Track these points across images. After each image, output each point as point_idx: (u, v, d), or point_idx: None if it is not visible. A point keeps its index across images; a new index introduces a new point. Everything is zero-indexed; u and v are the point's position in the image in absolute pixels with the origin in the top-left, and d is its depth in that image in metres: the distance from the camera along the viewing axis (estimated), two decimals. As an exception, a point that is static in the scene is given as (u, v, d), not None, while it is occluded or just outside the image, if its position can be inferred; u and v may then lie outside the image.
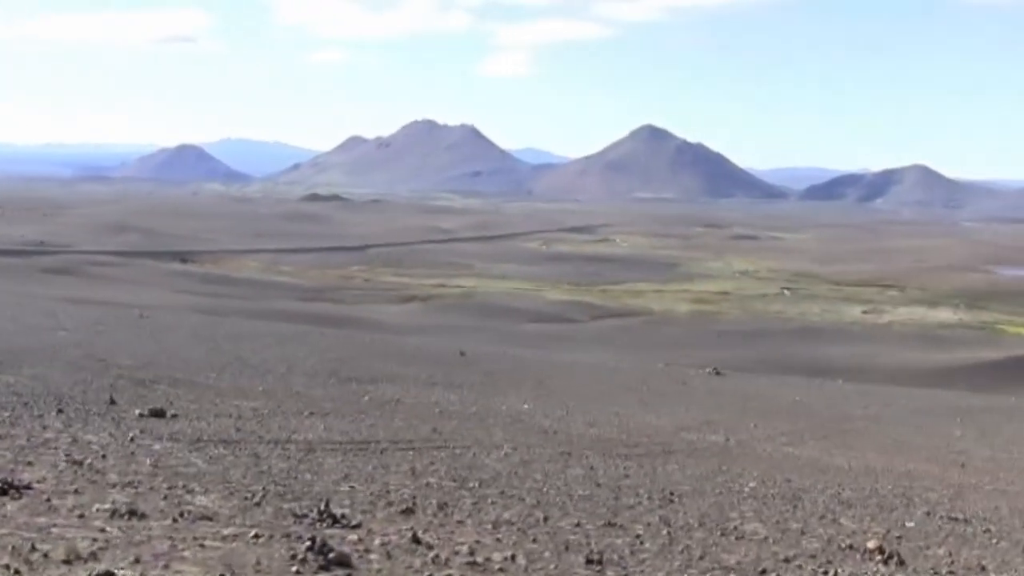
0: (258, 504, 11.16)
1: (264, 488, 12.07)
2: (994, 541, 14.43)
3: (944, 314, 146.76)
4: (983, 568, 12.32)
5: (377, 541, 10.02)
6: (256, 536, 9.61)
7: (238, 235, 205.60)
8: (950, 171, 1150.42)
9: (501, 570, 9.54)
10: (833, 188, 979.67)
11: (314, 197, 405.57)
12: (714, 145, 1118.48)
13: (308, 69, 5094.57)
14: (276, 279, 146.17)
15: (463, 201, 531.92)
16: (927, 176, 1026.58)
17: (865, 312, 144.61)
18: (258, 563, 8.75)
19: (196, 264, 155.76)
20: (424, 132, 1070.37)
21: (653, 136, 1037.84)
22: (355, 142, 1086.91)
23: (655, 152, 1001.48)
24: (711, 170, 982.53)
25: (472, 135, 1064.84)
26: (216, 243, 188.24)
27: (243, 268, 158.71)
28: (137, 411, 18.08)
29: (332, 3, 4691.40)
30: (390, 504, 12.00)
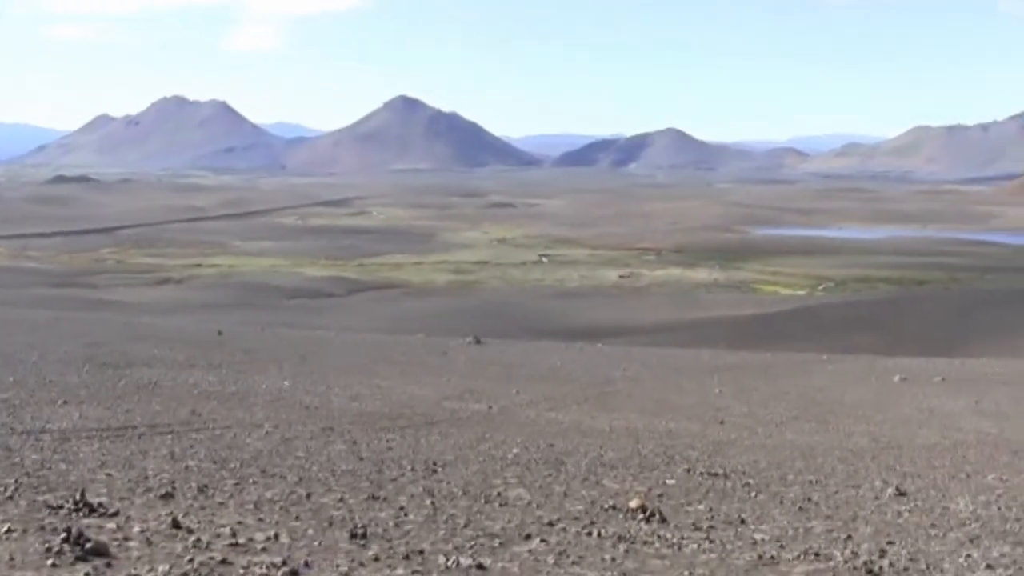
0: (11, 498, 10.83)
1: (16, 481, 11.71)
2: (753, 494, 14.70)
3: (700, 275, 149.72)
4: (743, 521, 12.54)
5: (136, 528, 9.82)
6: (9, 531, 9.32)
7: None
8: (702, 134, 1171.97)
9: (264, 550, 9.42)
10: (587, 154, 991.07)
11: (61, 179, 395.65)
12: (468, 114, 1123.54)
13: (47, 45, 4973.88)
14: (25, 265, 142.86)
15: (216, 178, 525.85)
16: (679, 139, 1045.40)
17: (623, 276, 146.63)
18: (11, 559, 8.49)
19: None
20: (174, 109, 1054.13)
21: (406, 107, 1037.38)
22: (103, 121, 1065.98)
23: (409, 123, 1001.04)
24: (466, 139, 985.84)
25: (223, 110, 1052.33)
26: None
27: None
28: None
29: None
30: (149, 490, 11.76)
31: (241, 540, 9.63)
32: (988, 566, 10.78)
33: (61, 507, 10.36)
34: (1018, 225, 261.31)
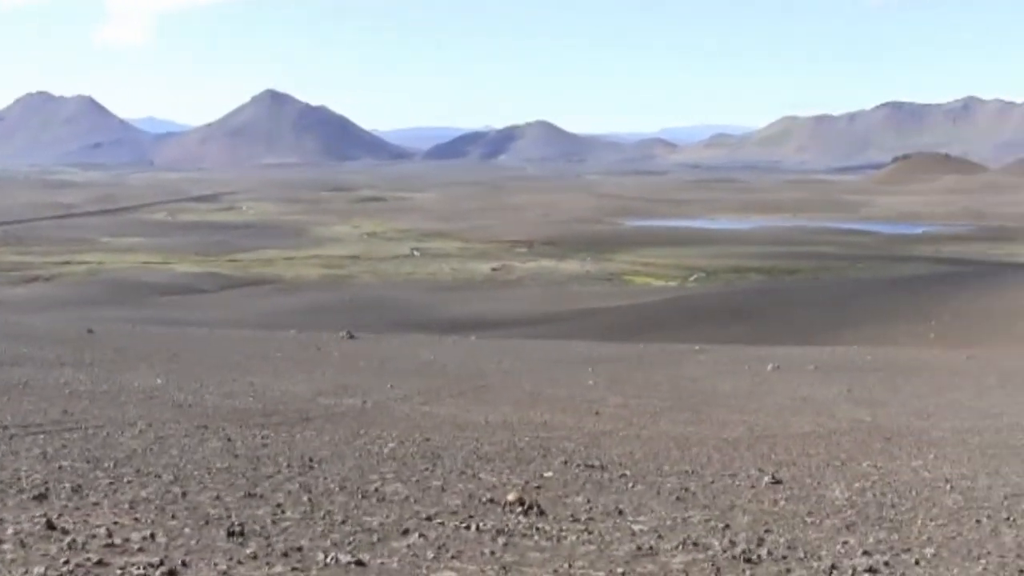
0: None
1: None
2: (630, 485, 14.76)
3: (572, 267, 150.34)
4: (620, 512, 12.58)
5: (10, 530, 9.64)
6: None
7: None
8: (571, 126, 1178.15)
9: (141, 550, 9.29)
10: (457, 147, 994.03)
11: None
12: (338, 108, 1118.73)
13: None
14: None
15: (84, 174, 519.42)
16: (549, 131, 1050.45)
17: (495, 269, 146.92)
18: None
19: None
20: (39, 105, 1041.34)
21: (275, 101, 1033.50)
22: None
23: (278, 117, 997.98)
24: (335, 133, 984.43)
25: (90, 106, 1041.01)
26: None
27: None
28: None
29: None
30: (22, 491, 11.55)
31: (117, 540, 9.49)
32: (865, 552, 10.92)
33: (-70, 512, 10.17)
34: (887, 214, 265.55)
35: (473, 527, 11.14)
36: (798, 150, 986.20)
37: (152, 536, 9.78)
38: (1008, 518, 13.13)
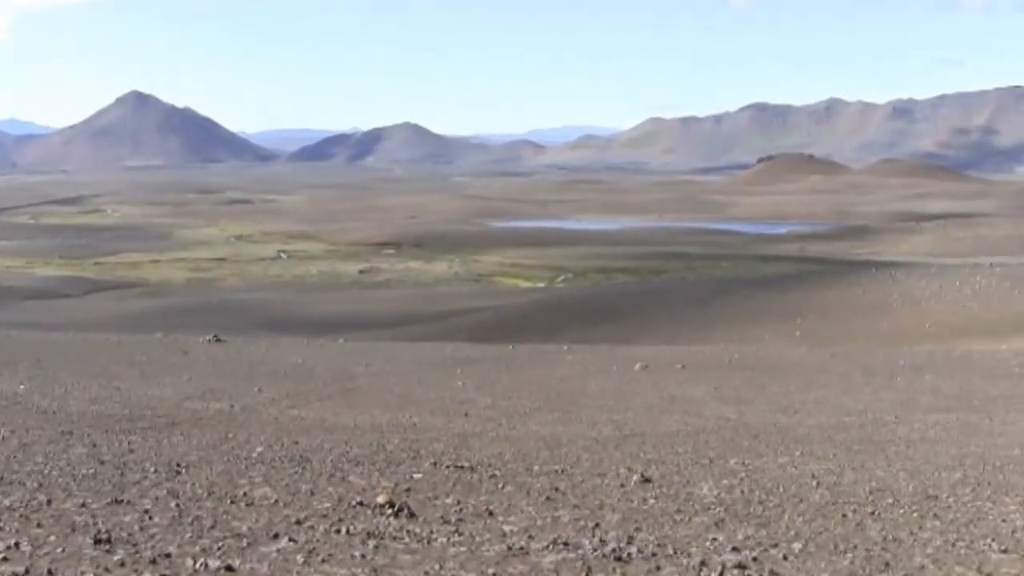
0: None
1: None
2: (500, 486, 14.77)
3: (440, 268, 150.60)
4: (491, 513, 12.60)
5: None
6: None
7: None
8: (438, 127, 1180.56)
9: (5, 559, 9.15)
10: (323, 148, 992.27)
11: None
12: (203, 109, 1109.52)
13: None
14: None
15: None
16: (416, 133, 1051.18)
17: (363, 271, 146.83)
18: None
19: None
20: None
21: (140, 102, 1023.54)
22: None
23: (142, 119, 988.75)
24: (201, 135, 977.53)
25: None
26: None
27: None
28: None
29: None
30: None
31: (-21, 550, 9.35)
32: (734, 548, 11.03)
33: None
34: (752, 214, 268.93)
35: (343, 530, 11.11)
36: (664, 151, 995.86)
37: (16, 545, 9.63)
38: (873, 512, 13.34)
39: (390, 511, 12.19)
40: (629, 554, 10.54)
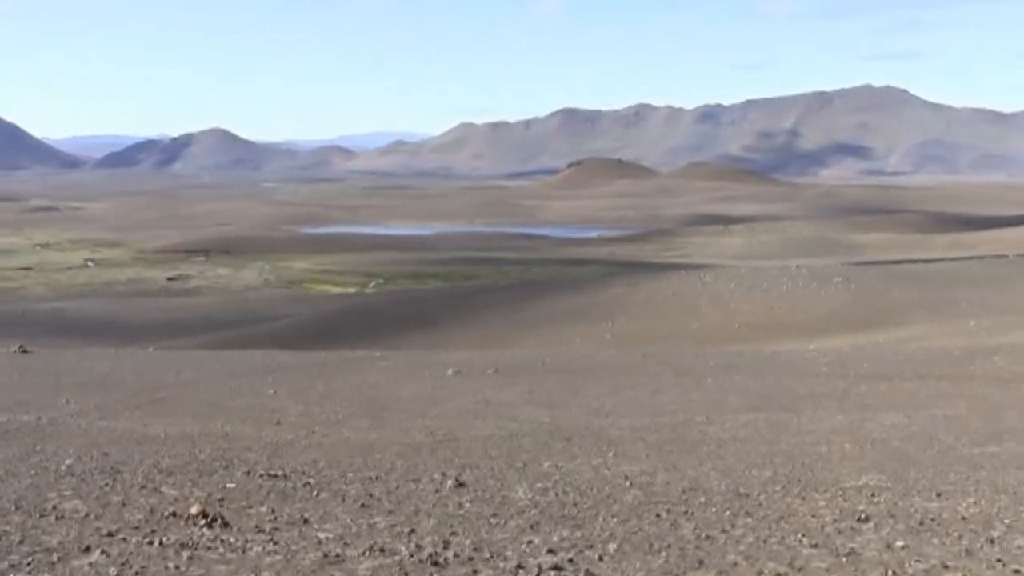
0: None
1: None
2: (314, 493, 14.71)
3: (250, 275, 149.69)
4: (306, 520, 12.55)
5: None
6: None
7: None
8: (247, 133, 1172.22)
9: None
10: (130, 155, 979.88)
11: None
12: (6, 115, 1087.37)
13: None
14: None
15: None
16: (224, 139, 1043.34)
17: (171, 278, 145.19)
18: None
19: None
20: None
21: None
22: None
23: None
24: (4, 141, 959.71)
25: None
26: None
27: None
28: None
29: None
30: None
31: None
32: (550, 550, 11.13)
33: None
34: (562, 218, 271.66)
35: (156, 542, 10.99)
36: (474, 156, 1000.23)
37: None
38: (686, 511, 13.53)
39: (204, 521, 12.08)
40: (445, 559, 10.59)
